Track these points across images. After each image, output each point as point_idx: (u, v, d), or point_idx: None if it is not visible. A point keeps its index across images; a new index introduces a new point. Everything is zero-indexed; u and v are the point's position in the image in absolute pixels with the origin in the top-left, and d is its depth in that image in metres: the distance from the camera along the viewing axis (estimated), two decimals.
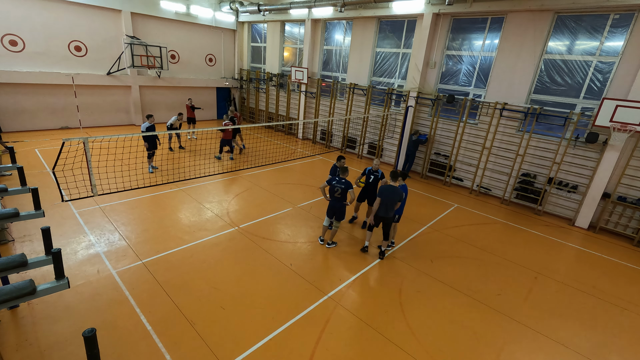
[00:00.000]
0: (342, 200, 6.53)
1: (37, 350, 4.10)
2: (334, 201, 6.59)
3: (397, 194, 6.16)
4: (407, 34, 12.52)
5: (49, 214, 7.15)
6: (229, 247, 6.72)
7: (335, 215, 6.68)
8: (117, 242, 6.53)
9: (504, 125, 10.46)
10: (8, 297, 2.95)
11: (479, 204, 10.35)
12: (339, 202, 6.55)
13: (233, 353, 4.28)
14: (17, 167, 4.93)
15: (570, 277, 6.80)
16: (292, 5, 14.76)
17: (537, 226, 9.11)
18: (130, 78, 15.90)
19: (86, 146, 5.63)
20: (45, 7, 13.13)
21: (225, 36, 19.15)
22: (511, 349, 4.79)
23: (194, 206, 8.37)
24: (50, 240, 3.54)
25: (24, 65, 13.14)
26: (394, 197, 6.19)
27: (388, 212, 6.30)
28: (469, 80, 11.31)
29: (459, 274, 6.48)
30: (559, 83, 9.57)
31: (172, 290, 5.31)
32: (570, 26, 9.18)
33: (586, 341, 5.09)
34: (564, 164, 9.50)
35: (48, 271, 5.34)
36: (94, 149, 10.66)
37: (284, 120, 17.80)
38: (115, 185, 8.02)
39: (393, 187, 6.19)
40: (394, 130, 13.38)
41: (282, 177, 11.02)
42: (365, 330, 4.85)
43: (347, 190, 6.39)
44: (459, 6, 10.47)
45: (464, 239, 7.89)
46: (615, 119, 8.17)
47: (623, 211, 8.83)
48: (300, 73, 15.67)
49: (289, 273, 6.04)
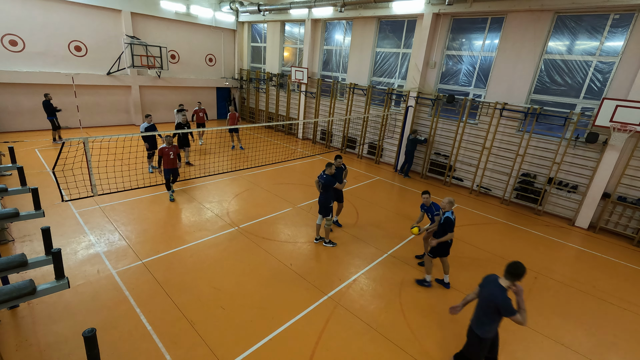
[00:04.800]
0: (326, 196, 6.65)
1: (37, 350, 4.10)
2: (320, 195, 6.77)
3: (498, 299, 3.48)
4: (407, 34, 12.52)
5: (49, 214, 7.15)
6: (229, 247, 6.72)
7: (320, 210, 6.81)
8: (117, 242, 6.53)
9: (504, 125, 10.45)
10: (8, 297, 2.96)
11: (479, 204, 10.35)
12: (322, 196, 6.70)
13: (233, 353, 4.28)
14: (17, 167, 4.94)
15: (570, 277, 6.80)
16: (292, 5, 14.76)
17: (537, 226, 9.11)
18: (130, 78, 15.90)
19: (86, 146, 5.63)
20: (45, 7, 13.13)
21: (225, 36, 19.15)
22: (511, 349, 4.79)
23: (194, 206, 8.37)
24: (50, 240, 3.54)
25: (24, 65, 13.14)
26: (492, 300, 3.58)
27: (481, 324, 3.72)
28: (469, 80, 11.31)
29: (458, 274, 6.47)
30: (559, 83, 9.57)
31: (172, 290, 5.31)
32: (570, 26, 9.18)
33: (586, 341, 5.09)
34: (564, 164, 9.50)
35: (48, 271, 5.34)
36: (94, 149, 10.67)
37: (284, 120, 17.80)
38: (115, 185, 8.02)
39: (497, 288, 3.55)
40: (394, 131, 13.38)
41: (282, 177, 11.01)
42: (365, 330, 4.85)
43: (327, 185, 6.54)
44: (459, 6, 10.47)
45: (464, 239, 7.89)
46: (615, 119, 8.17)
47: (623, 211, 8.82)
48: (300, 73, 15.66)
49: (289, 273, 6.04)
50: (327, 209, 6.75)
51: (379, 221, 8.40)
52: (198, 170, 10.51)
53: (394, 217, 8.82)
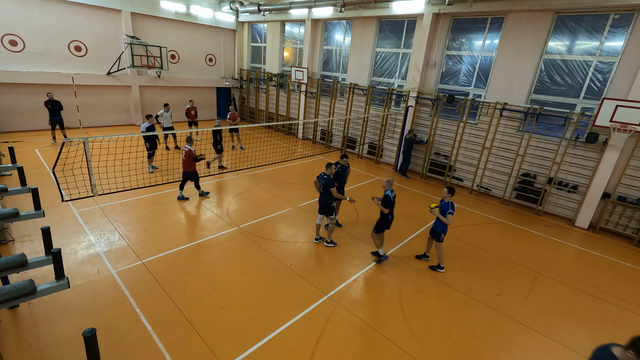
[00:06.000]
0: (326, 196, 6.62)
1: (37, 350, 4.10)
2: (320, 196, 6.74)
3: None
4: (407, 34, 12.52)
5: (49, 214, 7.15)
6: (229, 247, 6.72)
7: (322, 210, 6.79)
8: (117, 242, 6.52)
9: (504, 125, 10.45)
10: (8, 297, 2.96)
11: (479, 204, 10.35)
12: (323, 196, 6.67)
13: (233, 353, 4.28)
14: (17, 167, 4.94)
15: (570, 277, 6.80)
16: (292, 5, 14.76)
17: (537, 226, 9.11)
18: (130, 78, 15.90)
19: (86, 146, 5.63)
20: (45, 7, 13.13)
21: (225, 36, 19.15)
22: (511, 349, 4.79)
23: (194, 206, 8.37)
24: (50, 240, 3.54)
25: (24, 65, 13.14)
26: None
27: None
28: (469, 80, 11.31)
29: (458, 274, 6.47)
30: (559, 83, 9.57)
31: (172, 290, 5.31)
32: (570, 26, 9.18)
33: (586, 341, 5.09)
34: (564, 164, 9.50)
35: (48, 271, 5.34)
36: (94, 149, 10.67)
37: (284, 120, 17.80)
38: (115, 185, 8.02)
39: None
40: (394, 131, 13.38)
41: (282, 177, 11.01)
42: (365, 330, 4.85)
43: (327, 186, 6.50)
44: (459, 6, 10.47)
45: (464, 239, 7.89)
46: (615, 119, 8.16)
47: (623, 211, 8.82)
48: (300, 73, 15.66)
49: (289, 273, 6.04)
50: (330, 209, 6.74)
51: None
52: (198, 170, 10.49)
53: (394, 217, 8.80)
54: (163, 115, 12.18)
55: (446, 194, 6.10)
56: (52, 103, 11.99)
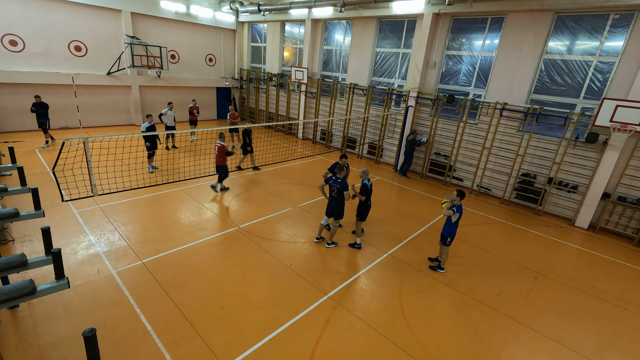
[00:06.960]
0: (340, 200, 6.55)
1: (37, 350, 4.10)
2: (332, 200, 6.63)
3: None
4: (407, 34, 12.52)
5: (49, 214, 7.15)
6: (229, 247, 6.72)
7: (333, 214, 6.72)
8: (117, 242, 6.52)
9: (504, 125, 10.45)
10: (8, 297, 2.95)
11: (479, 204, 10.35)
12: (336, 201, 6.58)
13: (233, 353, 4.28)
14: (17, 167, 4.94)
15: (570, 277, 6.80)
16: (292, 5, 14.76)
17: (537, 226, 9.11)
18: (130, 78, 15.90)
19: (86, 146, 5.63)
20: (45, 7, 13.13)
21: (225, 36, 19.15)
22: (511, 349, 4.79)
23: (194, 206, 8.37)
24: (50, 240, 3.54)
25: (24, 65, 13.14)
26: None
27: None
28: (469, 80, 11.31)
29: (458, 274, 6.47)
30: (559, 83, 9.57)
31: (172, 290, 5.31)
32: (570, 26, 9.18)
33: (586, 341, 5.09)
34: (564, 164, 9.50)
35: (48, 271, 5.34)
36: (94, 149, 10.67)
37: (284, 120, 17.79)
38: (115, 185, 8.02)
39: None
40: (394, 131, 13.38)
41: (282, 177, 11.01)
42: (365, 330, 4.85)
43: (342, 190, 6.43)
44: (459, 6, 10.47)
45: (464, 239, 7.89)
46: (615, 119, 8.16)
47: (623, 211, 8.82)
48: (300, 73, 15.66)
49: (289, 273, 6.04)
50: (342, 212, 6.71)
51: (378, 221, 8.40)
52: (198, 170, 10.50)
53: (394, 217, 8.83)
54: (167, 114, 12.20)
55: (455, 197, 6.01)
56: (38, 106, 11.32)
